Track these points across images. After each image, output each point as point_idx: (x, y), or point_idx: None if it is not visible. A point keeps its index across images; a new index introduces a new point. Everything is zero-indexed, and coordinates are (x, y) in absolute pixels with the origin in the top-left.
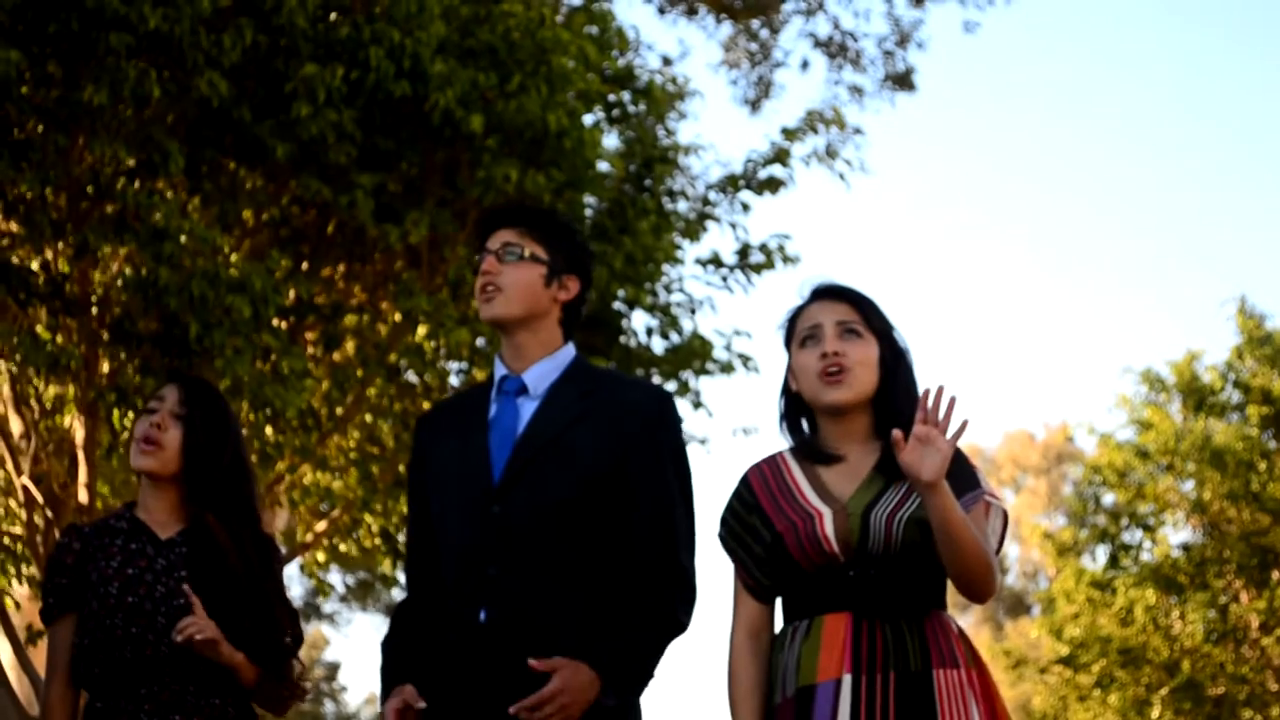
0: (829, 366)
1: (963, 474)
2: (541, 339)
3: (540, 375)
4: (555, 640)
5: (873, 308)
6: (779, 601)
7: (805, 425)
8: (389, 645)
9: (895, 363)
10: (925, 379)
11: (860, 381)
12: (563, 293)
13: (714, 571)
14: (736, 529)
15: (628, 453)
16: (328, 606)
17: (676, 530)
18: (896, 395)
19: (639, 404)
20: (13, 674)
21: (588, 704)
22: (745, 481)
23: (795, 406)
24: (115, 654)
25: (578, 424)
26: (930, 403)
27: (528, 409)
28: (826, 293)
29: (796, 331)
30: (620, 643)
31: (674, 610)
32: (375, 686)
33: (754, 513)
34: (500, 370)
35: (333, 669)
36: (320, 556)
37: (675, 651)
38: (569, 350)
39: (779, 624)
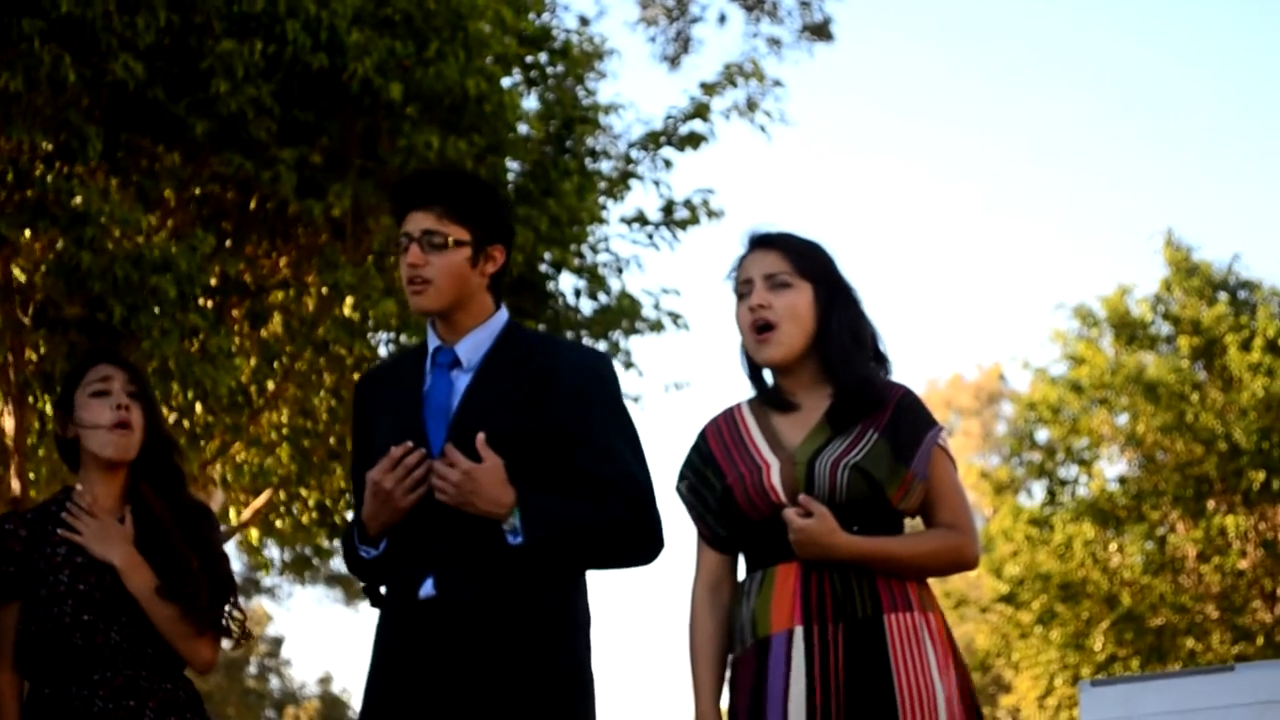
0: (756, 321)
1: (918, 416)
2: (472, 311)
3: (473, 346)
4: (501, 611)
5: (804, 252)
6: (742, 554)
7: (767, 373)
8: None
9: (832, 304)
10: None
11: (789, 335)
12: (489, 265)
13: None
14: (693, 482)
15: (566, 425)
16: (267, 581)
17: (632, 488)
18: (835, 339)
19: (575, 370)
20: None
21: (490, 506)
22: (702, 435)
23: (753, 359)
24: (66, 641)
25: (513, 395)
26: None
27: (461, 382)
28: (758, 242)
29: (736, 284)
30: (556, 501)
31: (630, 529)
32: (322, 662)
33: (709, 465)
34: (433, 341)
35: (276, 644)
36: (255, 534)
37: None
38: (501, 316)
39: (742, 576)
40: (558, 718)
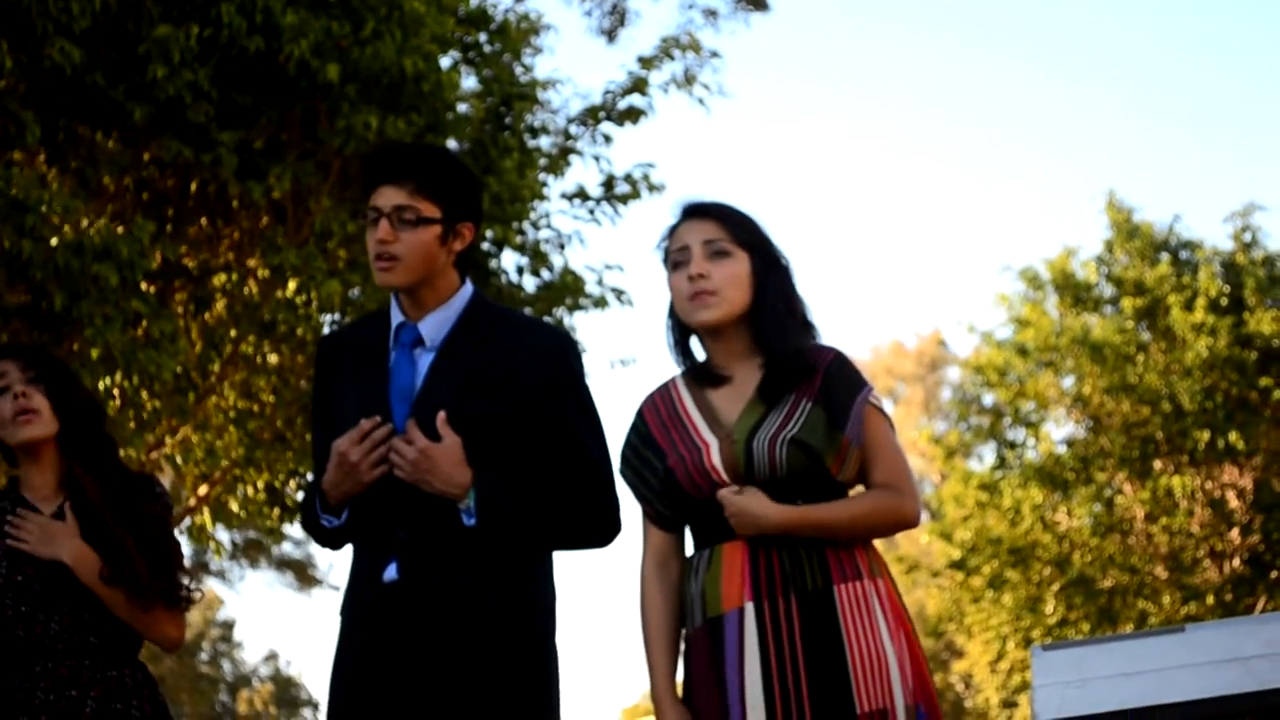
0: (695, 290)
1: (848, 379)
2: (437, 287)
3: (436, 325)
4: (464, 593)
5: (740, 222)
6: (688, 530)
7: (696, 346)
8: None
9: (767, 274)
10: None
11: (728, 301)
12: (458, 242)
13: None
14: (635, 463)
15: (529, 405)
16: (218, 564)
17: (591, 471)
18: (770, 308)
19: (538, 350)
20: None
21: (446, 485)
22: (640, 414)
23: (681, 329)
24: (7, 633)
25: (476, 376)
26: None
27: (424, 362)
28: (694, 211)
29: (670, 253)
30: (512, 483)
31: (586, 512)
32: (271, 643)
33: (648, 446)
34: (397, 317)
35: (228, 627)
36: (206, 517)
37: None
38: (465, 291)
39: (690, 551)
40: (523, 699)
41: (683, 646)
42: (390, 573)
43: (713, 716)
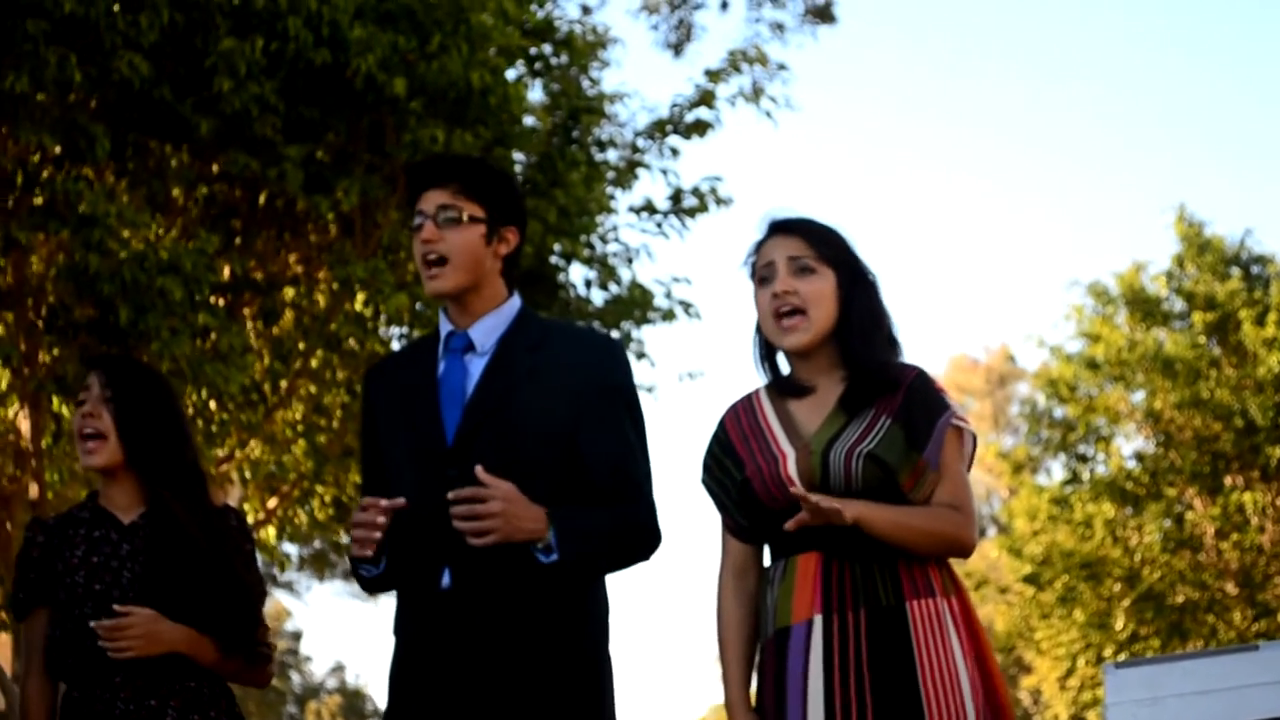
0: (780, 307)
1: (929, 400)
2: (486, 295)
3: (487, 331)
4: (519, 601)
5: (826, 238)
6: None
7: (781, 358)
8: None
9: (853, 290)
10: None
11: (816, 322)
12: (503, 246)
13: (683, 514)
14: (716, 472)
15: (580, 407)
16: (286, 576)
17: (636, 478)
18: (856, 325)
19: (588, 355)
20: None
21: (525, 533)
22: (721, 424)
23: (767, 343)
24: (87, 643)
25: (527, 381)
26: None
27: (476, 367)
28: (779, 227)
29: (756, 269)
30: (581, 513)
31: (639, 532)
32: (338, 655)
33: (728, 455)
34: (446, 326)
35: (295, 639)
36: (272, 531)
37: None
38: (514, 302)
39: (768, 563)
40: (577, 707)
41: (757, 658)
42: (444, 580)
43: None
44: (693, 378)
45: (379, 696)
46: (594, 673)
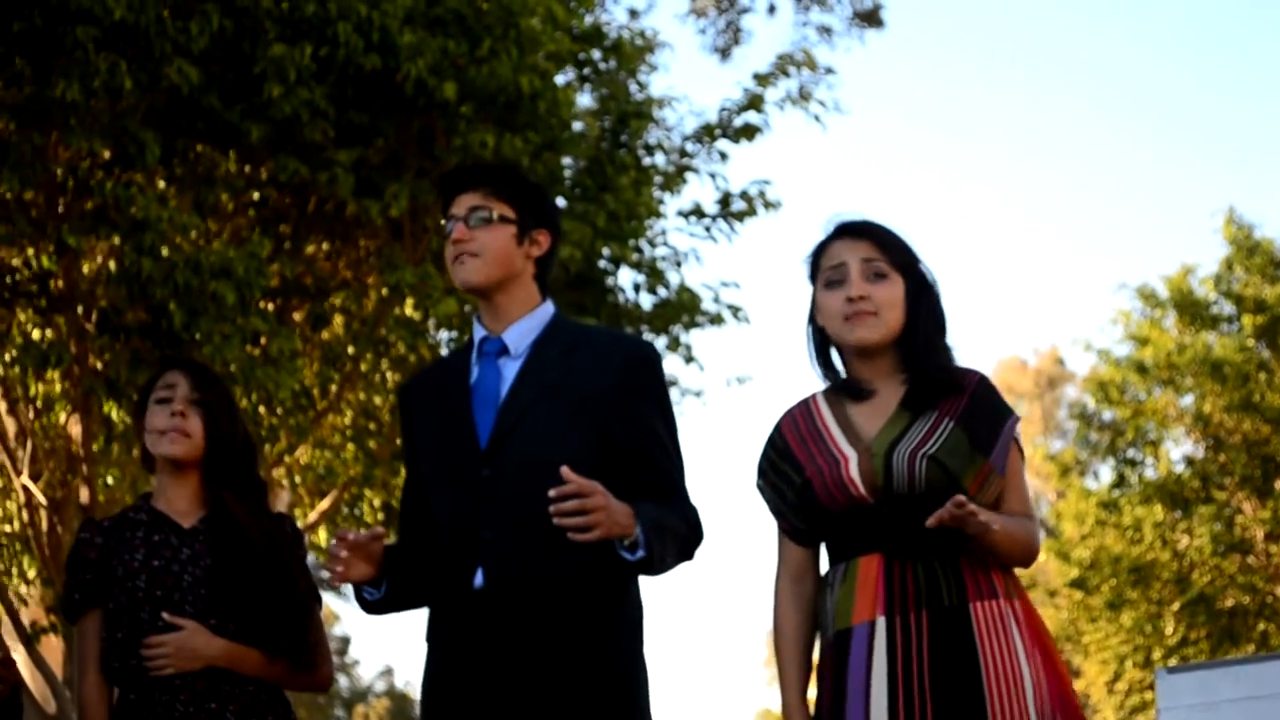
0: (855, 310)
1: (994, 405)
2: (519, 298)
3: (520, 334)
4: (553, 602)
5: (896, 244)
6: (823, 546)
7: (836, 359)
8: None
9: (920, 296)
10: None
11: (888, 323)
12: (535, 249)
13: (732, 517)
14: (772, 477)
15: (614, 408)
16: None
17: (674, 476)
18: (922, 331)
19: (621, 358)
20: (25, 671)
21: (620, 528)
22: (778, 428)
23: (823, 341)
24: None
25: (561, 382)
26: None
27: (510, 369)
28: (850, 230)
29: (820, 269)
30: (655, 510)
31: (696, 530)
32: (386, 658)
33: (786, 459)
34: (479, 332)
35: (344, 643)
36: (323, 535)
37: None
38: (548, 307)
39: (824, 568)
40: (611, 708)
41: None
42: (477, 580)
43: None
44: (741, 382)
45: None
46: (628, 673)
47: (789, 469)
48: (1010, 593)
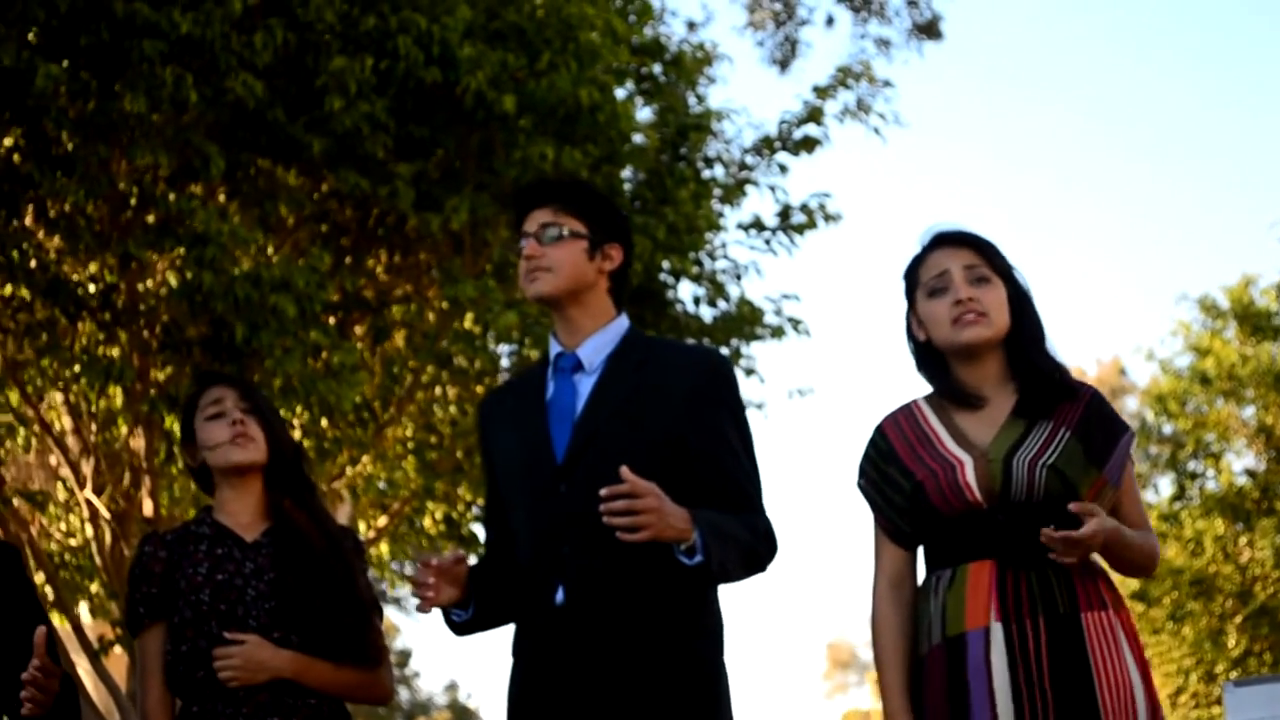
0: (964, 314)
1: (1109, 418)
2: (592, 312)
3: (595, 349)
4: (634, 616)
5: (994, 250)
6: (920, 550)
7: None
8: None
9: (1021, 302)
10: None
11: (996, 324)
12: (607, 263)
13: (794, 527)
14: (875, 478)
15: (688, 419)
16: (395, 592)
17: (747, 487)
18: (1029, 332)
19: (695, 369)
20: (89, 683)
21: (674, 532)
22: (880, 431)
23: (926, 355)
24: (212, 660)
25: (635, 396)
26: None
27: (585, 385)
28: (949, 239)
29: (921, 281)
30: (719, 517)
31: (766, 540)
32: (450, 673)
33: (891, 463)
34: (555, 348)
35: (405, 656)
36: (385, 548)
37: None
38: (622, 321)
39: (921, 573)
40: None
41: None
42: (558, 596)
43: None
44: (802, 394)
45: (489, 716)
46: (711, 686)
47: (895, 472)
48: (1117, 605)
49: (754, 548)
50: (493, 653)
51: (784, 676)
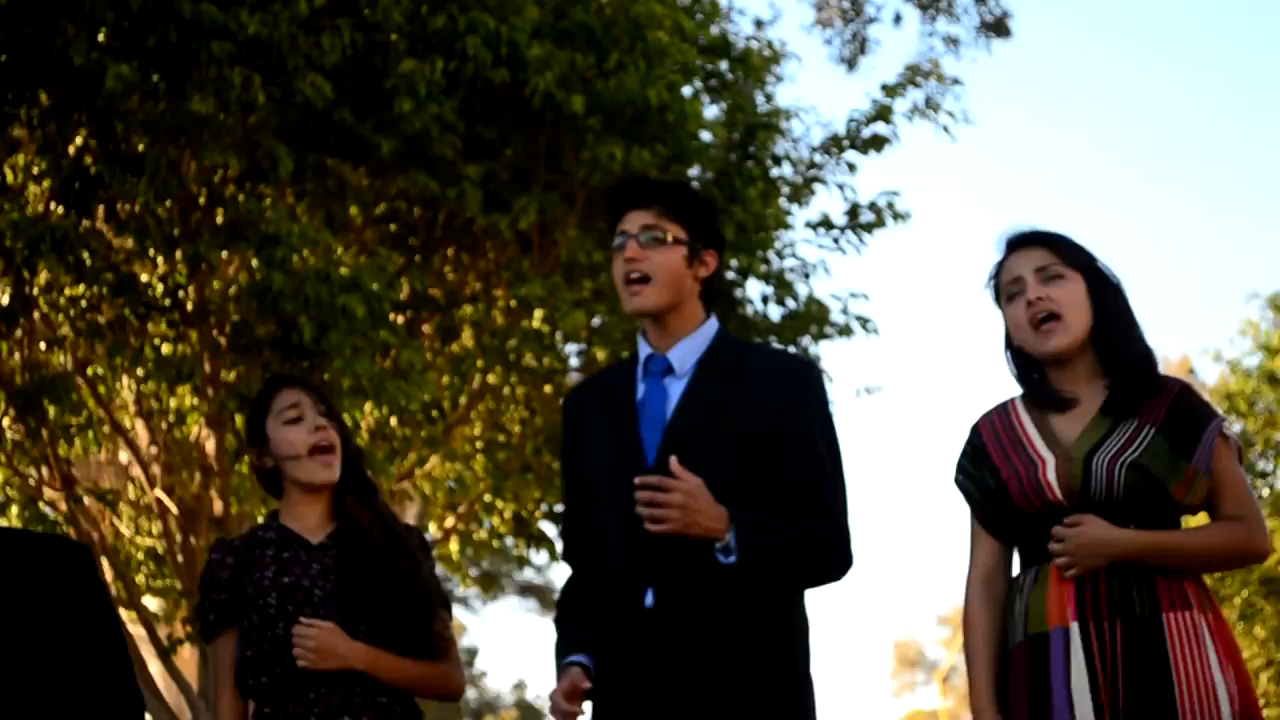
0: (1037, 314)
1: (1196, 408)
2: (685, 316)
3: (685, 353)
4: (722, 620)
5: (1069, 245)
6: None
7: (1037, 373)
8: (559, 622)
9: (1104, 294)
10: None
11: (1073, 325)
12: (703, 269)
13: (862, 526)
14: (972, 473)
15: (777, 427)
16: (463, 591)
17: (832, 497)
18: (1114, 324)
19: (786, 378)
20: (161, 683)
21: (702, 529)
22: (975, 431)
23: (1021, 359)
24: (281, 661)
25: (726, 401)
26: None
27: (675, 389)
28: (1020, 241)
29: (1001, 287)
30: (764, 520)
31: (825, 549)
32: (518, 671)
33: (983, 460)
34: (645, 349)
35: (471, 655)
36: (454, 546)
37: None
38: (711, 324)
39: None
40: None
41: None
42: (648, 600)
43: None
44: (870, 393)
45: None
46: (798, 693)
47: (985, 471)
48: (1204, 605)
49: (813, 557)
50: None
51: (851, 675)
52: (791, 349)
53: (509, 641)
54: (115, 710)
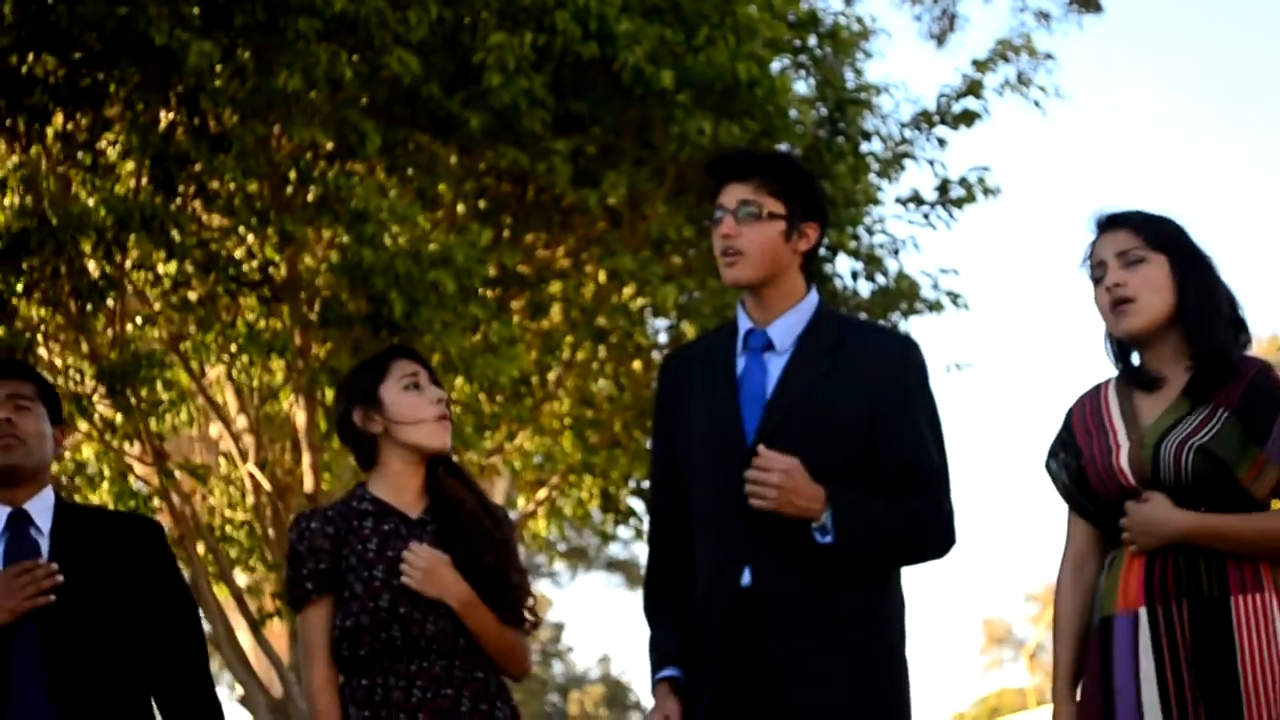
0: (1113, 299)
1: (1272, 393)
2: (784, 290)
3: (786, 329)
4: (819, 598)
5: (1154, 226)
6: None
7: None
8: (651, 617)
9: (1189, 274)
10: None
11: (1149, 307)
12: (803, 242)
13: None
14: (1062, 456)
15: (878, 406)
16: (550, 566)
17: (930, 479)
18: (1193, 307)
19: (886, 355)
20: (252, 656)
21: (799, 509)
22: (1068, 414)
23: (1116, 340)
24: (385, 634)
25: (826, 380)
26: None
27: (775, 365)
28: (1105, 223)
29: (1091, 269)
30: (863, 499)
31: (926, 527)
32: (604, 646)
33: (1070, 445)
34: (745, 324)
35: (558, 630)
36: (542, 523)
37: None
38: (812, 298)
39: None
40: (875, 706)
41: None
42: (745, 578)
43: (1094, 716)
44: (960, 369)
45: (642, 689)
46: (893, 673)
47: (1071, 456)
48: (1277, 585)
49: (912, 537)
50: (645, 627)
51: (941, 652)
52: (881, 324)
53: (595, 616)
54: (185, 675)
